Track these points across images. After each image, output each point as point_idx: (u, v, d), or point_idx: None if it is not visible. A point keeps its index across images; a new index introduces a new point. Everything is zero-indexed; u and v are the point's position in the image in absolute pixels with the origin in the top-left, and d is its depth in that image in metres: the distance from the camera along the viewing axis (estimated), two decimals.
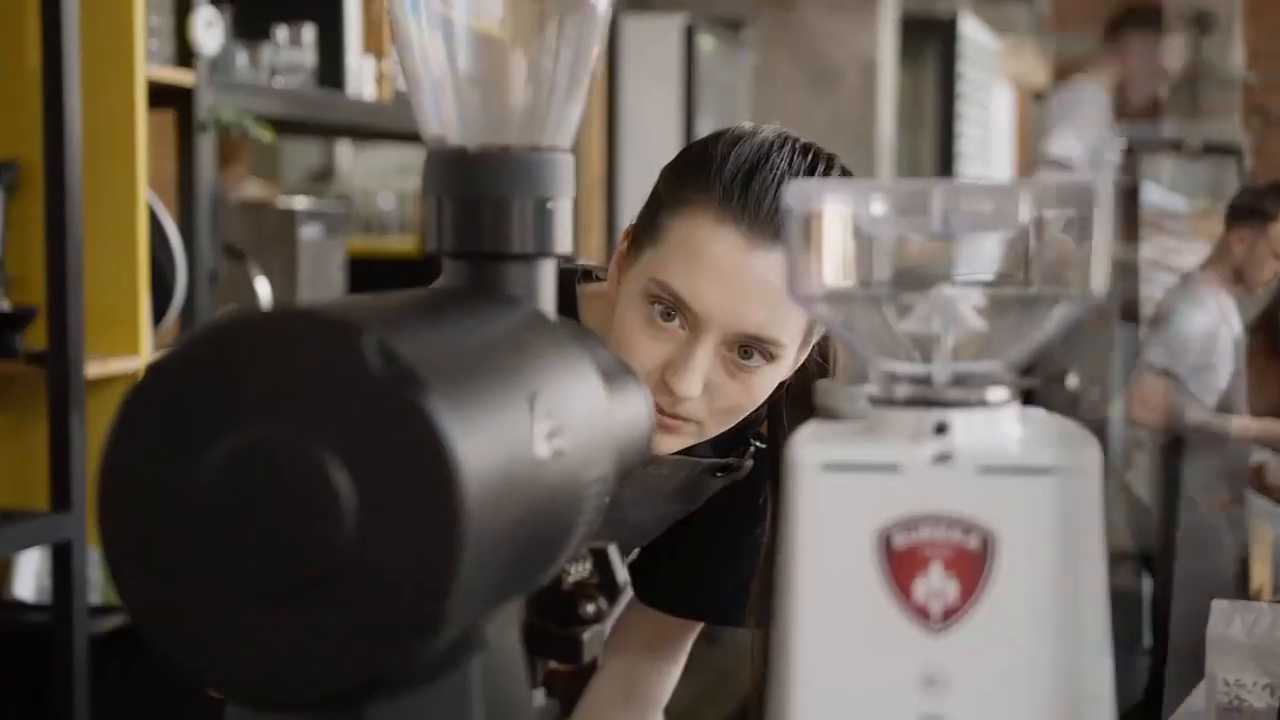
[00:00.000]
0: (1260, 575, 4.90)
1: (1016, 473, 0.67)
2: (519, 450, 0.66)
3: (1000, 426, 0.70)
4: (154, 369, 0.63)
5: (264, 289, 3.04)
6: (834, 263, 0.71)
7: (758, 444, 1.47)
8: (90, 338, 2.47)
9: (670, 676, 1.59)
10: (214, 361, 0.62)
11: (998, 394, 0.70)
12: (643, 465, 1.09)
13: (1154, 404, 4.25)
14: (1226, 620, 2.00)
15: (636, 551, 1.55)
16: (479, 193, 0.79)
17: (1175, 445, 4.32)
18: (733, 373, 1.29)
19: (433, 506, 0.60)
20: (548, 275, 0.80)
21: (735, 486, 1.49)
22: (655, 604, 1.56)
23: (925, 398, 0.70)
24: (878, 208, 0.70)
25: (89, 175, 2.48)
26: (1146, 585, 4.43)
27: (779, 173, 1.26)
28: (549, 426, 0.69)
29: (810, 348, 1.37)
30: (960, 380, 0.70)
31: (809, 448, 0.69)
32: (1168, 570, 4.07)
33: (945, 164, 7.82)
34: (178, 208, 2.75)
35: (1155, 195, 5.83)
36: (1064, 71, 10.14)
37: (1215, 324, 4.33)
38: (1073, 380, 3.33)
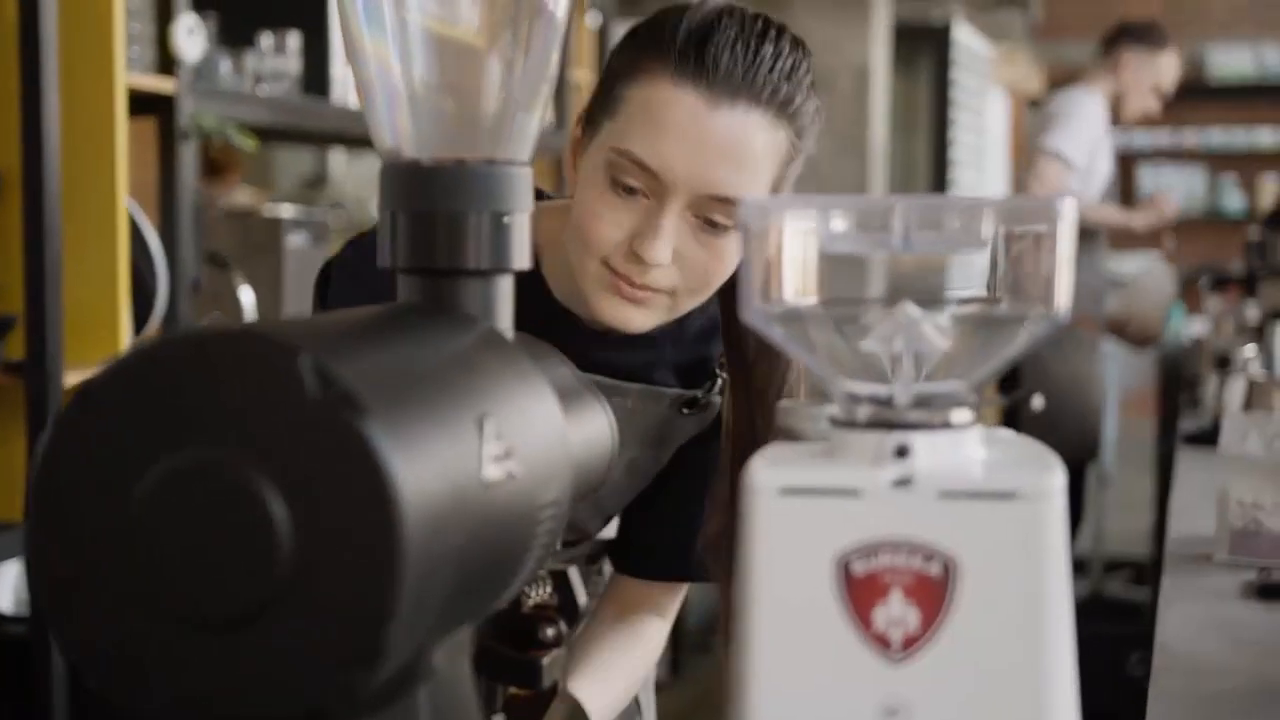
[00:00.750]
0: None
1: (979, 498, 0.65)
2: (465, 474, 0.64)
3: (963, 449, 0.68)
4: (87, 390, 0.61)
5: (248, 298, 3.02)
6: (792, 280, 0.69)
7: (722, 376, 1.44)
8: (70, 347, 2.45)
9: (661, 632, 1.55)
10: (148, 383, 0.60)
11: (961, 415, 0.68)
12: (609, 397, 1.08)
13: (1052, 186, 4.31)
14: (1241, 434, 1.85)
15: (616, 525, 1.53)
16: (434, 207, 0.77)
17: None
18: (701, 240, 1.28)
19: (371, 534, 0.58)
20: (505, 291, 0.78)
21: (704, 438, 1.47)
22: (631, 573, 1.54)
23: (886, 420, 0.68)
24: (838, 224, 0.68)
25: (69, 183, 2.46)
26: None
27: (732, 34, 1.27)
28: (499, 449, 0.67)
29: None
30: (923, 401, 0.69)
31: (766, 471, 0.67)
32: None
33: (939, 170, 7.80)
34: (159, 216, 2.72)
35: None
36: (1057, 78, 10.15)
37: (1101, 130, 4.38)
38: (1038, 401, 3.32)
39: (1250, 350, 3.06)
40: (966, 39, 7.78)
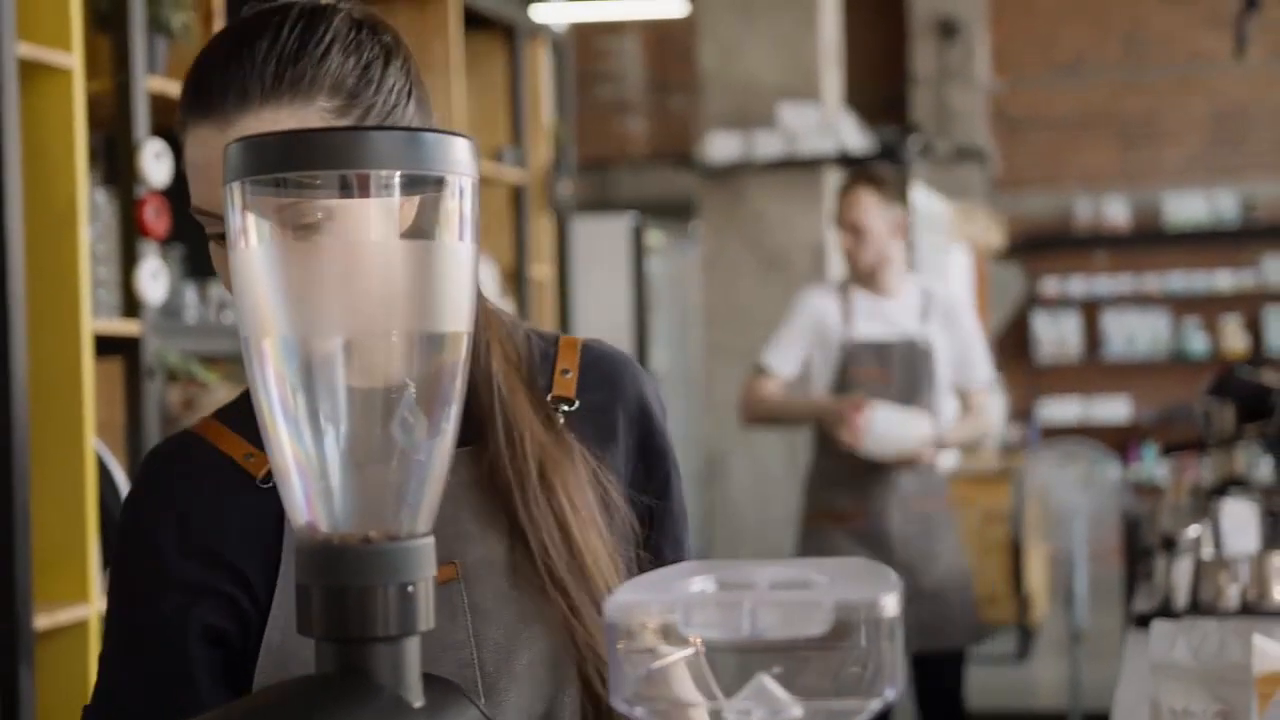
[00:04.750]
0: None
1: None
2: None
3: None
4: None
5: None
6: (655, 667, 0.77)
7: (564, 405, 1.38)
8: (39, 586, 2.52)
9: None
10: None
11: None
12: None
13: (749, 395, 4.29)
14: (1170, 642, 1.89)
15: None
16: (344, 583, 0.85)
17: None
18: (341, 229, 1.20)
19: None
20: (412, 651, 0.87)
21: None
22: None
23: None
24: (697, 616, 0.77)
25: (37, 428, 2.54)
26: None
27: (222, 51, 1.24)
28: None
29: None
30: None
31: None
32: None
33: None
34: (126, 453, 2.81)
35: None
36: (1018, 229, 10.37)
37: (813, 323, 4.25)
38: None
39: (1194, 530, 3.14)
40: (925, 202, 7.95)
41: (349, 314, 0.87)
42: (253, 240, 0.87)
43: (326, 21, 1.25)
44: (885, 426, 4.11)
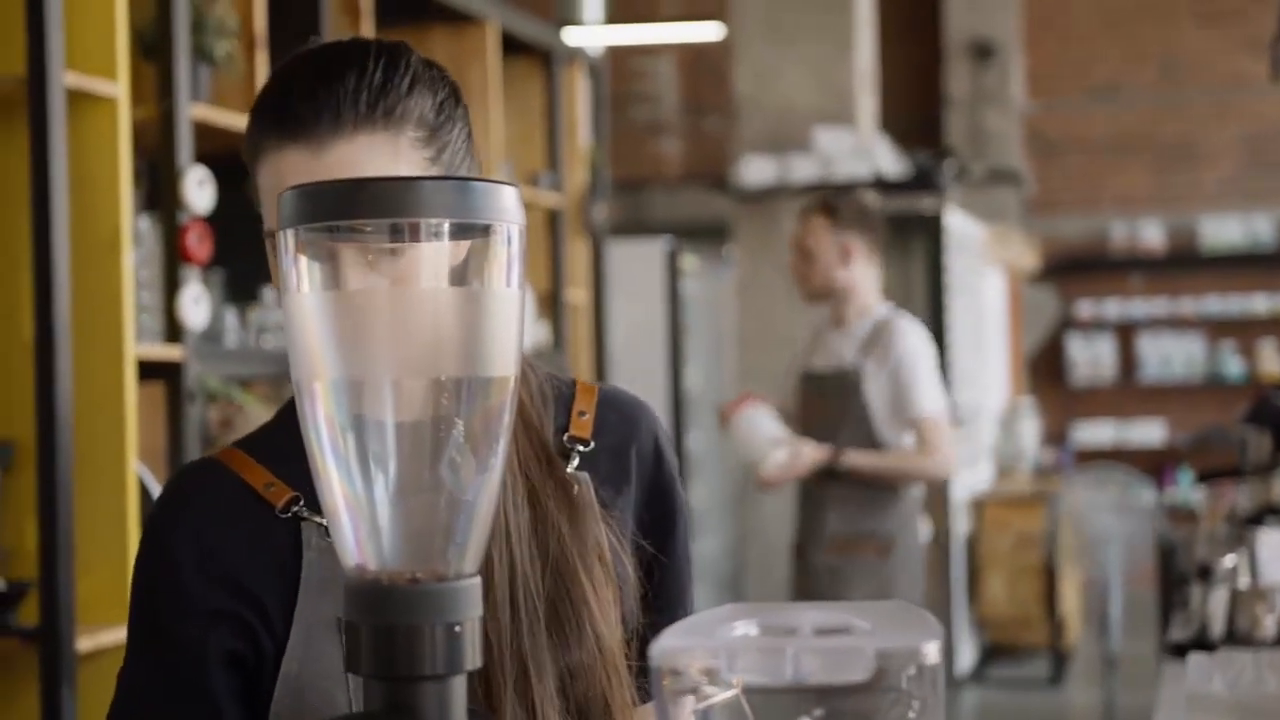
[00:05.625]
0: None
1: None
2: None
3: None
4: None
5: None
6: (699, 710, 0.79)
7: (579, 446, 1.37)
8: (81, 610, 2.54)
9: None
10: None
11: None
12: None
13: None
14: (1206, 675, 1.91)
15: None
16: (392, 621, 0.87)
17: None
18: (391, 274, 1.18)
19: None
20: (459, 690, 0.88)
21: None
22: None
23: None
24: (740, 661, 0.78)
25: (80, 452, 2.58)
26: None
27: (308, 75, 1.26)
28: None
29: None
30: None
31: None
32: None
33: (939, 353, 7.90)
34: (167, 477, 2.83)
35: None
36: (1052, 252, 10.36)
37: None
38: None
39: (1230, 560, 3.13)
40: (959, 225, 7.95)
41: (398, 358, 0.89)
42: (305, 286, 0.89)
43: (405, 58, 1.29)
44: (743, 428, 4.13)
